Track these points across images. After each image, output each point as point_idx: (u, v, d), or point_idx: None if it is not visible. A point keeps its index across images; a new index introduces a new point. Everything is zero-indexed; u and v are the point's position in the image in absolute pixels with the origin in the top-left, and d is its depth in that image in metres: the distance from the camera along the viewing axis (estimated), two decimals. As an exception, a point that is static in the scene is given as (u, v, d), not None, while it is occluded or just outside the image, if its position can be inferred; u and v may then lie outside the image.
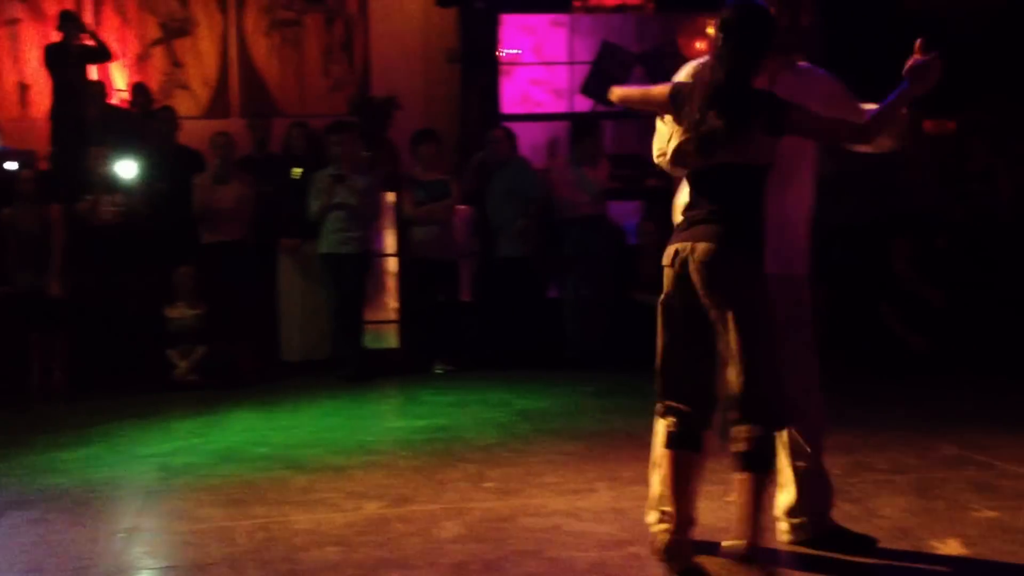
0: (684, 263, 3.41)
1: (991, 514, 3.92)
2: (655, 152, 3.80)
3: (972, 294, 8.19)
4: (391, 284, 8.67)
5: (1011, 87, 8.45)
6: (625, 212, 9.22)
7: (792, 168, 3.53)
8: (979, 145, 7.89)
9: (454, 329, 8.12)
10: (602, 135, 8.51)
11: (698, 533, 3.98)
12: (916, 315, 7.99)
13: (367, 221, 7.95)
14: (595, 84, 9.89)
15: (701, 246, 3.35)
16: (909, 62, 3.35)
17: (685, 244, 3.41)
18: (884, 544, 3.77)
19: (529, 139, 9.53)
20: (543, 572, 3.70)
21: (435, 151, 8.22)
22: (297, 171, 8.28)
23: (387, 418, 6.44)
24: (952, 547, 3.73)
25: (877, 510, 4.19)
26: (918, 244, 8.28)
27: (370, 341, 8.23)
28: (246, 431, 6.15)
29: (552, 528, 4.15)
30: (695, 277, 3.39)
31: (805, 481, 3.70)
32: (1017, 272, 7.76)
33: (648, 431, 5.74)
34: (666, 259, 3.49)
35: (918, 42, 3.36)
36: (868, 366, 7.56)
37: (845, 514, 4.18)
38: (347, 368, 7.69)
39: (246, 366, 7.71)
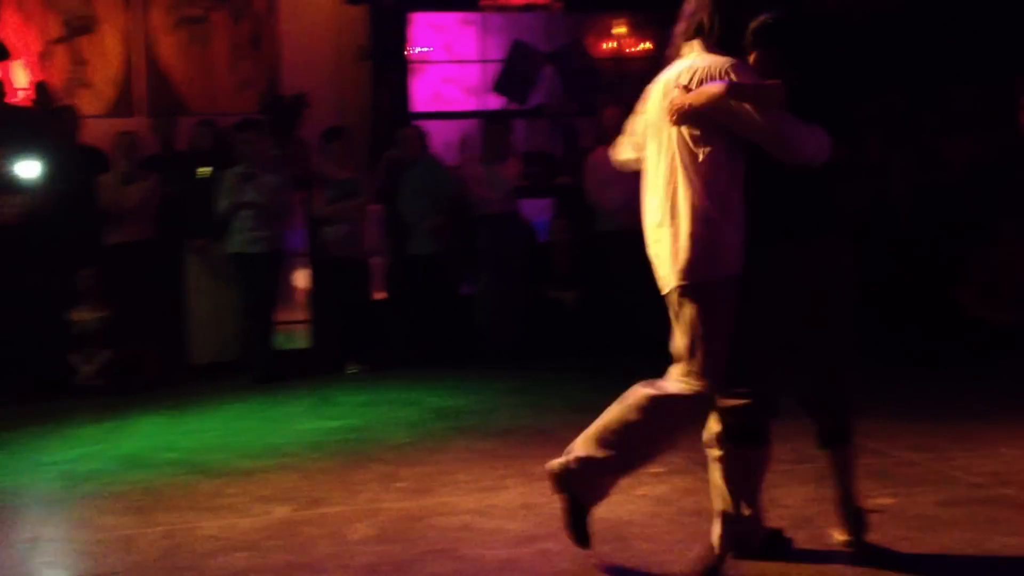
0: None
1: (887, 501, 4.03)
2: None
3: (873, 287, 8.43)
4: (302, 284, 8.58)
5: (904, 83, 8.68)
6: (536, 209, 9.27)
7: None
8: (873, 141, 8.08)
9: (367, 328, 8.08)
10: (510, 132, 8.53)
11: (607, 527, 4.03)
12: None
13: (277, 220, 7.86)
14: (506, 82, 9.93)
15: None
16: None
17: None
18: (787, 532, 3.86)
19: (441, 137, 9.54)
20: (454, 571, 3.71)
21: (345, 149, 8.16)
22: (204, 170, 8.16)
23: (298, 420, 6.37)
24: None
25: (780, 499, 4.27)
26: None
27: (281, 342, 8.15)
28: (152, 436, 6.04)
29: (463, 526, 4.16)
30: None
31: None
32: (915, 264, 7.97)
33: (560, 426, 5.81)
34: None
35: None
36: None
37: (750, 505, 4.26)
38: (257, 370, 7.60)
39: (152, 370, 7.57)
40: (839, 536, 3.69)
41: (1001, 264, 7.87)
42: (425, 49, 10.39)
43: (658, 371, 3.64)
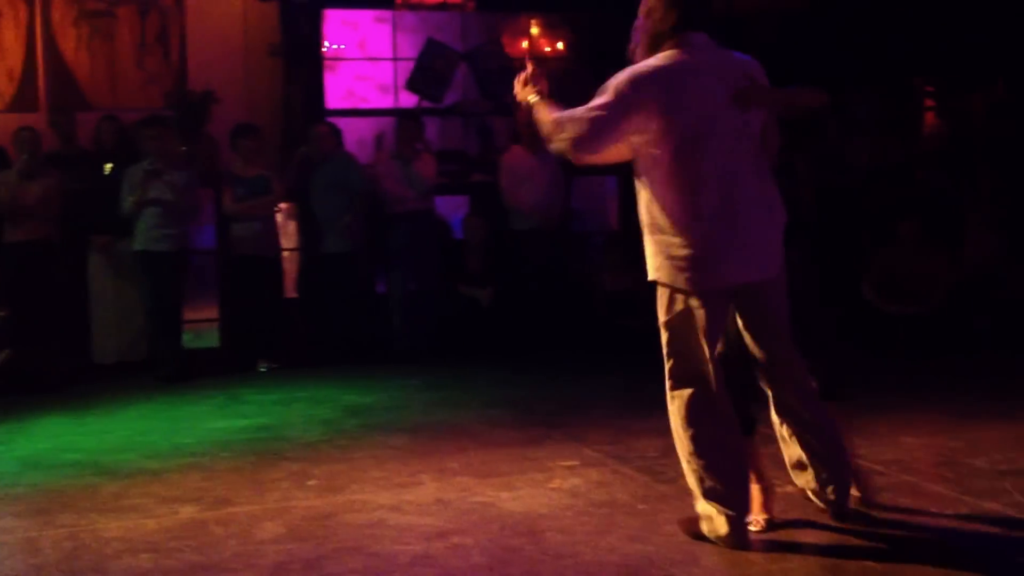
0: None
1: (792, 488, 4.08)
2: None
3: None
4: (212, 282, 8.44)
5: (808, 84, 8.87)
6: (451, 207, 9.25)
7: None
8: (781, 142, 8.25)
9: (278, 326, 7.98)
10: (423, 130, 8.49)
11: (520, 520, 4.04)
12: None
13: (184, 217, 7.71)
14: (420, 80, 9.89)
15: None
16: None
17: None
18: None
19: (355, 134, 9.46)
20: (366, 568, 3.67)
21: (255, 146, 8.03)
22: (109, 166, 7.97)
23: (207, 419, 6.25)
24: (757, 520, 3.87)
25: (689, 488, 4.31)
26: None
27: (190, 341, 7.99)
28: (54, 437, 5.87)
29: (376, 523, 4.12)
30: None
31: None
32: (822, 262, 8.13)
33: (473, 422, 5.82)
34: None
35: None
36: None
37: (659, 494, 4.31)
38: (164, 369, 7.44)
39: (55, 370, 7.36)
40: (751, 523, 3.77)
41: (900, 260, 8.08)
42: (338, 46, 10.30)
43: (575, 368, 3.66)
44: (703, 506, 3.69)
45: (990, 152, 8.80)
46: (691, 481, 3.71)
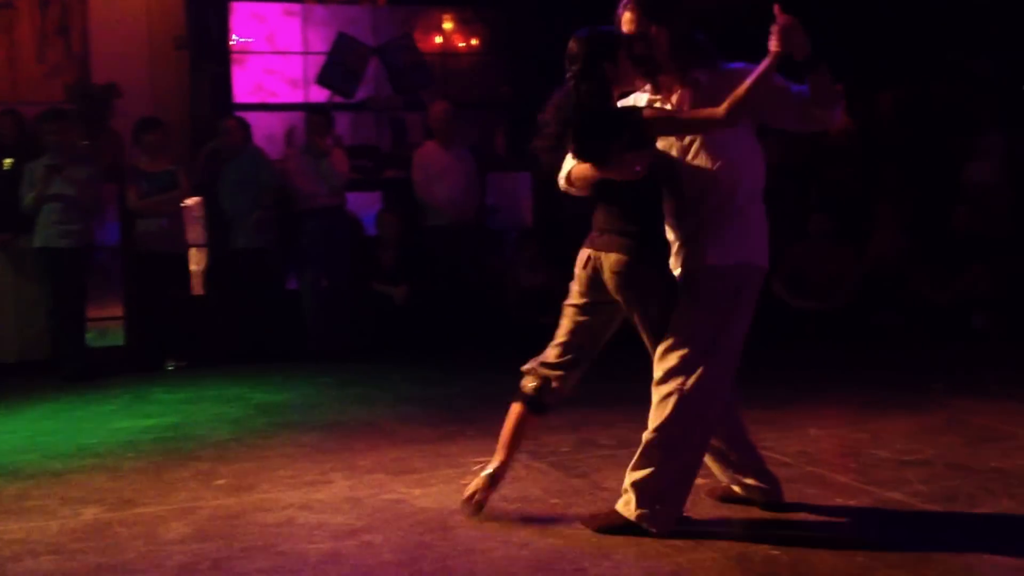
0: (596, 269, 3.75)
1: (702, 481, 4.13)
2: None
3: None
4: (116, 279, 8.25)
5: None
6: (363, 203, 9.18)
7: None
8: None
9: (186, 324, 7.83)
10: (332, 125, 8.39)
11: (431, 517, 4.02)
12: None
13: (87, 213, 7.52)
14: (331, 75, 9.78)
15: (611, 256, 3.69)
16: (773, 28, 3.47)
17: (598, 253, 3.74)
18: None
19: (264, 129, 9.32)
20: (274, 567, 3.61)
21: (160, 140, 7.87)
22: (8, 161, 7.74)
23: (112, 418, 6.10)
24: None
25: (601, 483, 4.35)
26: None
27: (94, 339, 7.81)
28: (-49, 440, 5.68)
29: (285, 522, 4.06)
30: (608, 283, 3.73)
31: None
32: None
33: (386, 419, 5.78)
34: (579, 264, 3.81)
35: (776, 7, 3.49)
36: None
37: (572, 488, 4.33)
38: (68, 367, 7.26)
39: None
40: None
41: (807, 255, 8.25)
42: (246, 40, 10.14)
43: (489, 365, 3.65)
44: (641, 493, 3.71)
45: (896, 151, 9.02)
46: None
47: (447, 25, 10.75)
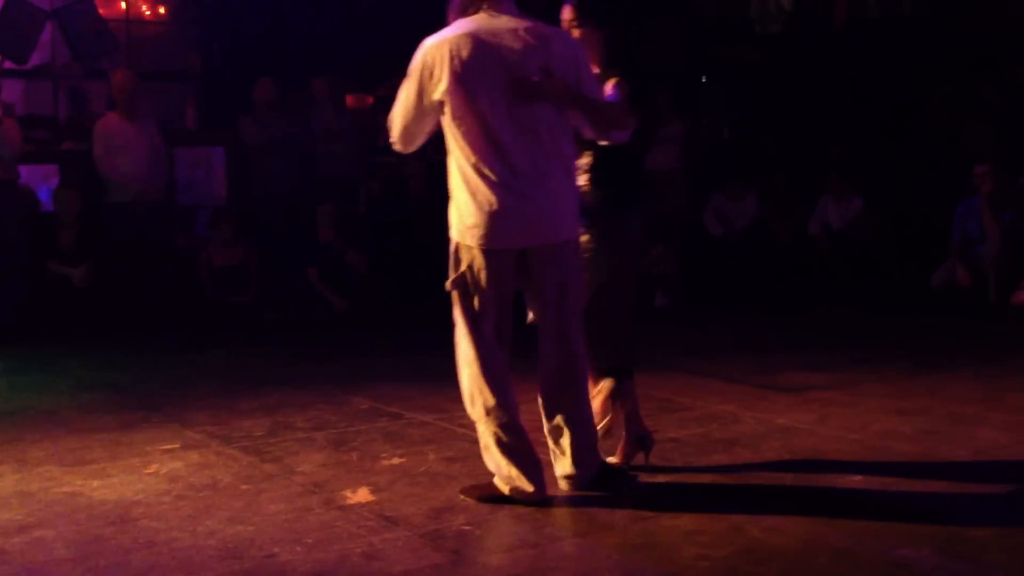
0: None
1: (398, 460, 4.14)
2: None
3: (390, 258, 8.72)
4: None
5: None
6: (38, 177, 8.54)
7: None
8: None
9: None
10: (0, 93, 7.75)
11: (110, 509, 3.79)
12: (338, 277, 8.32)
13: None
14: (2, 39, 9.01)
15: None
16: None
17: None
18: (300, 498, 3.85)
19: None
20: (-74, 573, 3.28)
21: None
22: None
23: None
24: (362, 495, 3.88)
25: (296, 467, 4.26)
26: (342, 211, 8.62)
27: None
28: None
29: (-59, 522, 3.70)
30: None
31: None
32: (429, 238, 8.35)
33: (64, 408, 5.39)
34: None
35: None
36: (299, 328, 7.75)
37: (263, 473, 4.21)
38: None
39: None
40: (352, 496, 3.76)
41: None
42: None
43: (178, 347, 3.45)
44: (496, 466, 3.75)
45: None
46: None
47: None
